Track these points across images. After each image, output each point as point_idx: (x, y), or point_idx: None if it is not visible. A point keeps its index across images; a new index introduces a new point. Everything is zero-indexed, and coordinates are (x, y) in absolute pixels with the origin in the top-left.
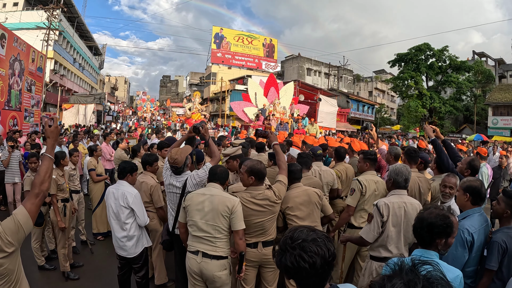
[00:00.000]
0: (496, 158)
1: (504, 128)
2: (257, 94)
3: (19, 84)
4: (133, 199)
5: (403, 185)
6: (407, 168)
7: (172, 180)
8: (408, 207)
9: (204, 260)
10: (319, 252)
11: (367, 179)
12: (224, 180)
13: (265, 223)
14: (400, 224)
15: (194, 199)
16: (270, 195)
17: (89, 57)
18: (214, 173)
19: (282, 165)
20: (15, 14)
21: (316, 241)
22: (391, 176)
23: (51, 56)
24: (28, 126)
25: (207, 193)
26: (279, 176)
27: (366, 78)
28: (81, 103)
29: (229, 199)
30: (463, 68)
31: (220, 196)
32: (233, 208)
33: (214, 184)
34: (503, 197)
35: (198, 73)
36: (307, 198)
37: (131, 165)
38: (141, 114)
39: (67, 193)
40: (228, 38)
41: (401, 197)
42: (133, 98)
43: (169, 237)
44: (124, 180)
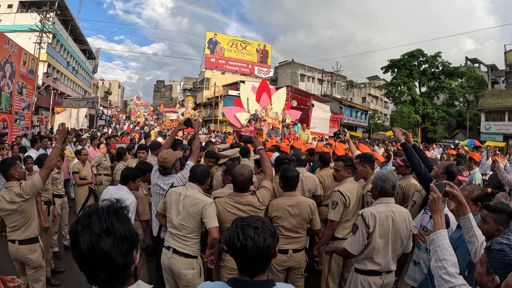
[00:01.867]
0: (489, 163)
1: (496, 133)
2: (249, 100)
3: (9, 86)
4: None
5: (391, 193)
6: (393, 174)
7: (159, 181)
8: (396, 216)
9: (173, 256)
10: (254, 238)
11: (349, 189)
12: (204, 180)
13: None
14: (387, 235)
15: (172, 197)
16: (253, 201)
17: (82, 60)
18: (194, 172)
19: (267, 170)
20: (9, 16)
21: (257, 229)
22: (377, 184)
23: (44, 59)
24: (18, 129)
25: (183, 193)
26: (264, 181)
27: (359, 84)
28: (73, 106)
29: (201, 201)
30: (456, 74)
31: (193, 197)
32: (203, 209)
33: (192, 184)
34: (489, 214)
35: (192, 78)
36: (298, 211)
37: (134, 172)
38: (134, 119)
39: (51, 195)
40: (222, 44)
41: (389, 205)
42: (127, 103)
43: (152, 242)
44: (126, 186)
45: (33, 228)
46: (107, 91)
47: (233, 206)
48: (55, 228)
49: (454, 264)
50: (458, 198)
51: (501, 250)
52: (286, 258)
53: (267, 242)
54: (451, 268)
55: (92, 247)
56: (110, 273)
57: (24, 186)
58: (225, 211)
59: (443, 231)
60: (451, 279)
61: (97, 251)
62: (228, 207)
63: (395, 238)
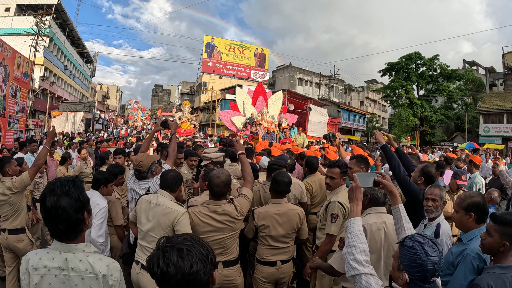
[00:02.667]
0: (489, 165)
1: (495, 136)
2: (245, 103)
3: (3, 89)
4: (98, 211)
5: (382, 201)
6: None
7: (134, 186)
8: (389, 228)
9: (141, 272)
10: (177, 264)
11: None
12: (174, 187)
13: (225, 240)
14: (379, 250)
15: (142, 206)
16: (230, 211)
17: (80, 64)
18: (164, 179)
19: (248, 177)
20: (6, 19)
21: (182, 252)
22: (367, 192)
23: (41, 63)
24: (12, 133)
25: (153, 201)
26: (243, 189)
27: (357, 88)
28: (70, 110)
29: (173, 211)
30: (453, 76)
31: (163, 206)
32: (175, 220)
33: (163, 191)
34: (495, 226)
35: (189, 82)
36: (287, 220)
37: (106, 176)
38: (132, 123)
39: (29, 200)
40: (220, 48)
41: (380, 216)
42: (125, 107)
43: (130, 250)
44: (98, 191)
45: (21, 219)
46: (105, 95)
47: (208, 216)
48: (37, 233)
49: (363, 252)
50: (388, 188)
51: (412, 248)
52: (274, 270)
53: (194, 268)
54: (359, 255)
55: (54, 203)
56: (66, 225)
57: (14, 181)
58: (199, 221)
59: (356, 219)
60: (358, 266)
61: (57, 207)
62: (202, 217)
63: (388, 252)
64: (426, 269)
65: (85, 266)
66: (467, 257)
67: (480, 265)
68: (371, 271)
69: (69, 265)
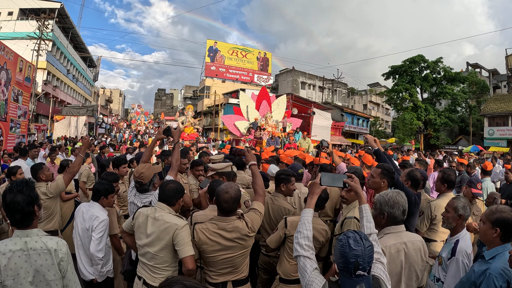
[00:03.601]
0: (498, 170)
1: (500, 139)
2: (248, 108)
3: (5, 93)
4: (98, 224)
5: (401, 219)
6: (402, 195)
7: (135, 199)
8: (409, 248)
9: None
10: None
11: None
12: (173, 200)
13: (235, 259)
14: (400, 273)
15: (140, 219)
16: (241, 227)
17: (83, 68)
18: (162, 191)
19: (259, 189)
20: (9, 24)
21: None
22: (384, 210)
23: (43, 67)
24: (14, 137)
25: (151, 215)
26: (255, 203)
27: (360, 92)
28: (73, 114)
29: (172, 225)
30: (457, 79)
31: (162, 220)
32: (174, 234)
33: (160, 204)
34: None
35: (192, 86)
36: (316, 233)
37: (106, 187)
38: (135, 127)
39: None
40: (222, 52)
41: (400, 235)
42: (128, 111)
43: (131, 267)
44: (99, 202)
45: (54, 223)
46: (108, 99)
47: (217, 233)
48: None
49: (306, 237)
50: (354, 189)
51: (340, 241)
52: None
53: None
54: (302, 239)
55: (12, 199)
56: (21, 215)
57: (50, 186)
58: (207, 240)
59: (308, 210)
60: (299, 249)
61: (14, 201)
62: (211, 235)
63: (409, 274)
64: (348, 261)
65: (40, 244)
66: (489, 277)
67: (503, 285)
68: (310, 255)
69: (28, 246)
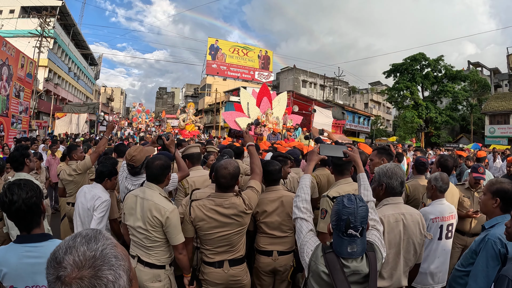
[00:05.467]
0: (499, 165)
1: (501, 137)
2: (249, 104)
3: (6, 89)
4: (100, 203)
5: (399, 191)
6: (400, 168)
7: (127, 182)
8: (408, 219)
9: (138, 266)
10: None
11: (341, 193)
12: (161, 177)
13: (231, 236)
14: (399, 244)
15: (128, 201)
16: (238, 203)
17: (84, 67)
18: (149, 170)
19: (256, 169)
20: (11, 21)
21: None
22: (382, 181)
23: (45, 64)
24: (15, 133)
25: (140, 195)
26: (252, 181)
27: (361, 90)
28: (74, 112)
29: (160, 207)
30: (458, 77)
31: (151, 201)
32: (164, 219)
33: (150, 184)
34: None
35: (193, 84)
36: (280, 205)
37: (110, 168)
38: (136, 125)
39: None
40: (224, 50)
41: (398, 206)
42: (129, 110)
43: None
44: (102, 184)
45: None
46: (109, 97)
47: (213, 210)
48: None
49: (305, 200)
50: (353, 158)
51: (337, 199)
52: (270, 261)
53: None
54: (300, 202)
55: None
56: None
57: (78, 164)
58: (204, 216)
59: (306, 176)
60: (297, 211)
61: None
62: (207, 212)
63: (408, 246)
64: (340, 218)
65: None
66: (488, 242)
67: (502, 250)
68: (307, 217)
69: None
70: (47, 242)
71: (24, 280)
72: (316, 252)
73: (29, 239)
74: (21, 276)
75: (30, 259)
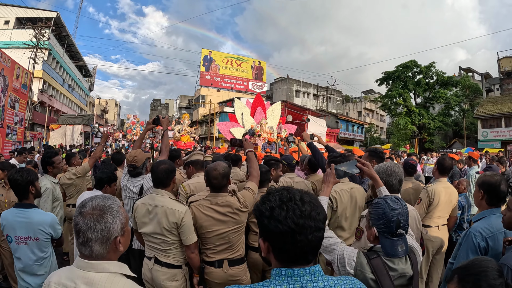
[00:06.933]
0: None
1: (494, 140)
2: (243, 114)
3: (2, 100)
4: None
5: (397, 188)
6: (399, 166)
7: (128, 183)
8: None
9: (155, 267)
10: None
11: (337, 190)
12: (167, 181)
13: (229, 235)
14: None
15: (139, 211)
16: (233, 202)
17: (79, 78)
18: (154, 175)
19: (254, 172)
20: (5, 32)
21: None
22: (382, 179)
23: (39, 76)
24: (10, 144)
25: (150, 203)
26: (248, 183)
27: (355, 99)
28: (69, 124)
29: (174, 211)
30: (450, 83)
31: (163, 207)
32: (179, 221)
33: (158, 190)
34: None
35: (187, 96)
36: None
37: (109, 175)
38: (131, 137)
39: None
40: (217, 61)
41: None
42: (123, 121)
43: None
44: (102, 191)
45: None
46: (103, 109)
47: (210, 208)
48: None
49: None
50: (368, 173)
51: (377, 203)
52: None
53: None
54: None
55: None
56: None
57: (78, 168)
58: (201, 215)
59: (323, 197)
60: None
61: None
62: (204, 210)
63: None
64: (390, 220)
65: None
66: (469, 235)
67: (482, 243)
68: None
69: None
70: (31, 209)
71: (14, 231)
72: (359, 260)
73: (20, 206)
74: (13, 228)
75: (18, 218)
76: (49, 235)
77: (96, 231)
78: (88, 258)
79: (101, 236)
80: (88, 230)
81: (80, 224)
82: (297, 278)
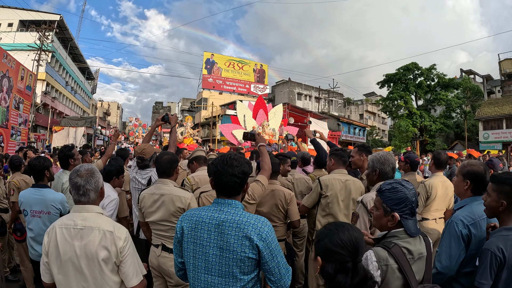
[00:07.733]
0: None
1: (495, 142)
2: (245, 117)
3: (6, 101)
4: (109, 202)
5: (391, 176)
6: (392, 155)
7: (137, 175)
8: None
9: (162, 254)
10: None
11: (330, 178)
12: (171, 171)
13: None
14: None
15: (146, 201)
16: None
17: (81, 81)
18: (158, 165)
19: (265, 166)
20: (9, 34)
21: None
22: (376, 167)
23: (43, 78)
24: (14, 144)
25: (157, 192)
26: (259, 176)
27: (356, 101)
28: (71, 125)
29: (180, 197)
30: (451, 85)
31: (170, 194)
32: (186, 206)
33: (163, 180)
34: (492, 185)
35: (189, 99)
36: (271, 196)
37: (117, 167)
38: (133, 140)
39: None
40: (219, 64)
41: None
42: (125, 124)
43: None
44: (110, 183)
45: None
46: (105, 112)
47: None
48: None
49: None
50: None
51: (393, 188)
52: None
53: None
54: None
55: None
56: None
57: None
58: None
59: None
60: None
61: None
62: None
63: None
64: (411, 201)
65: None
66: (451, 223)
67: (464, 231)
68: None
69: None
70: (45, 189)
71: (29, 206)
72: (379, 255)
73: (36, 186)
74: (29, 204)
75: (34, 195)
76: (59, 211)
77: (91, 184)
78: (85, 203)
79: (95, 186)
80: (87, 184)
81: (80, 181)
82: (220, 204)
